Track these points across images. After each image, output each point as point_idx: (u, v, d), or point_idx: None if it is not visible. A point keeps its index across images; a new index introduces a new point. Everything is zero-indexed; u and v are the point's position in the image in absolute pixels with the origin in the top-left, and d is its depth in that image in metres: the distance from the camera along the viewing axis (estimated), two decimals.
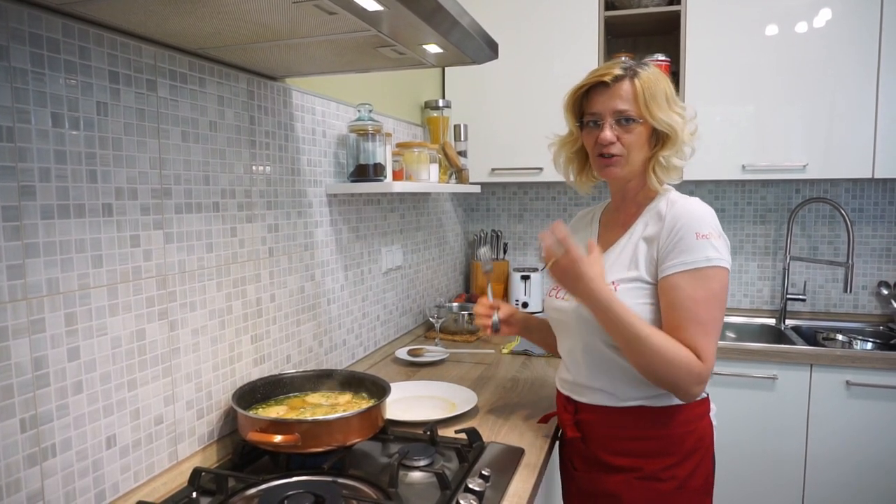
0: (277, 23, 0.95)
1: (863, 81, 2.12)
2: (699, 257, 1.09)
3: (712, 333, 1.10)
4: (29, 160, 0.86)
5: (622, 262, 1.19)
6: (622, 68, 1.18)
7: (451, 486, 1.06)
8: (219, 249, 1.25)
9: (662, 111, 1.16)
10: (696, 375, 1.08)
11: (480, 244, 2.80)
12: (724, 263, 1.11)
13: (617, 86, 1.17)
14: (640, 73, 1.17)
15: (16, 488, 0.85)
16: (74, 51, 0.92)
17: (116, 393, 1.01)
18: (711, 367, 1.10)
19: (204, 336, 1.21)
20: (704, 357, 1.08)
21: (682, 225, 1.12)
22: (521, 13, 2.40)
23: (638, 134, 1.17)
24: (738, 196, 2.62)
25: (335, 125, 1.69)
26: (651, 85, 1.16)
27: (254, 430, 1.11)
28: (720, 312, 1.11)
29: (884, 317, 2.48)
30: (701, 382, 1.10)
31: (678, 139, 1.18)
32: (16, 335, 0.85)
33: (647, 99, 1.15)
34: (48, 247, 0.89)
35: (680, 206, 1.16)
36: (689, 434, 1.17)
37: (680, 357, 1.07)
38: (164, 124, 1.10)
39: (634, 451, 1.18)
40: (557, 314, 1.27)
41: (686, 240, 1.10)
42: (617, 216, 1.29)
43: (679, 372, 1.08)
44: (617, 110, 1.16)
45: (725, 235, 1.15)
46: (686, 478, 1.17)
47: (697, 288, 1.09)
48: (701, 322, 1.09)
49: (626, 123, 1.16)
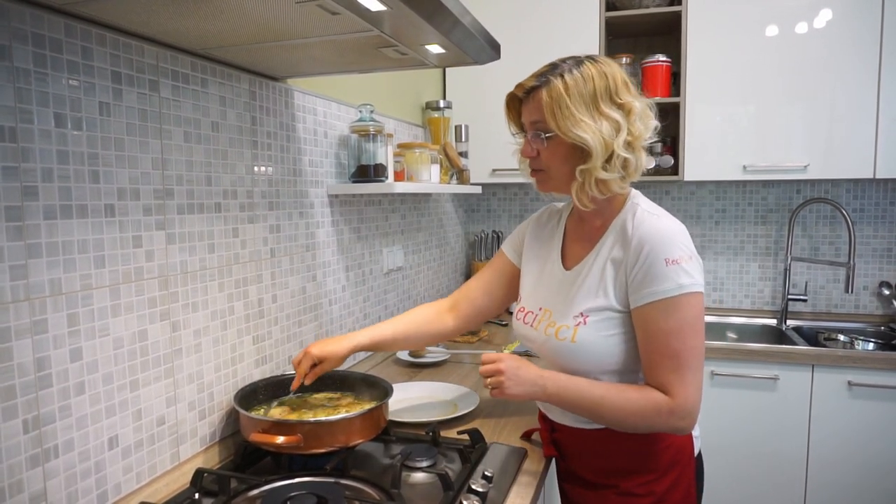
0: (280, 23, 0.95)
1: (863, 81, 2.12)
2: (670, 286, 1.01)
3: (686, 365, 1.03)
4: (32, 160, 0.86)
5: (590, 288, 1.11)
6: (538, 78, 1.08)
7: (453, 486, 1.06)
8: (220, 250, 1.24)
9: (570, 121, 1.03)
10: (668, 413, 1.03)
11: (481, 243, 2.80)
12: (697, 288, 1.02)
13: (531, 97, 1.09)
14: (552, 82, 1.05)
15: (18, 489, 0.85)
16: (77, 51, 0.92)
17: (119, 394, 1.01)
18: (688, 400, 1.03)
19: (206, 337, 1.21)
20: (674, 392, 1.03)
21: (650, 250, 1.03)
22: (521, 14, 2.40)
23: (552, 148, 1.08)
24: (739, 196, 2.62)
25: (337, 126, 1.69)
26: (558, 96, 1.04)
27: (256, 431, 1.11)
28: (696, 340, 1.04)
29: (885, 317, 2.48)
30: (680, 417, 1.03)
31: (594, 151, 1.03)
32: (18, 336, 0.84)
33: (554, 109, 1.04)
34: (51, 247, 0.89)
35: (647, 227, 1.06)
36: (666, 450, 1.12)
37: (643, 404, 1.04)
38: (167, 125, 1.10)
39: (610, 470, 1.15)
40: (529, 343, 1.23)
41: (655, 267, 1.02)
42: (582, 228, 1.20)
43: (651, 418, 1.04)
44: (531, 121, 1.10)
45: (697, 254, 1.06)
46: (664, 493, 1.12)
47: (668, 319, 1.02)
48: (672, 356, 1.02)
49: (542, 137, 1.09)
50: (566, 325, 1.12)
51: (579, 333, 1.09)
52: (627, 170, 1.07)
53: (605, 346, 1.09)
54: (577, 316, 1.11)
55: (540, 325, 1.17)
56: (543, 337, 1.15)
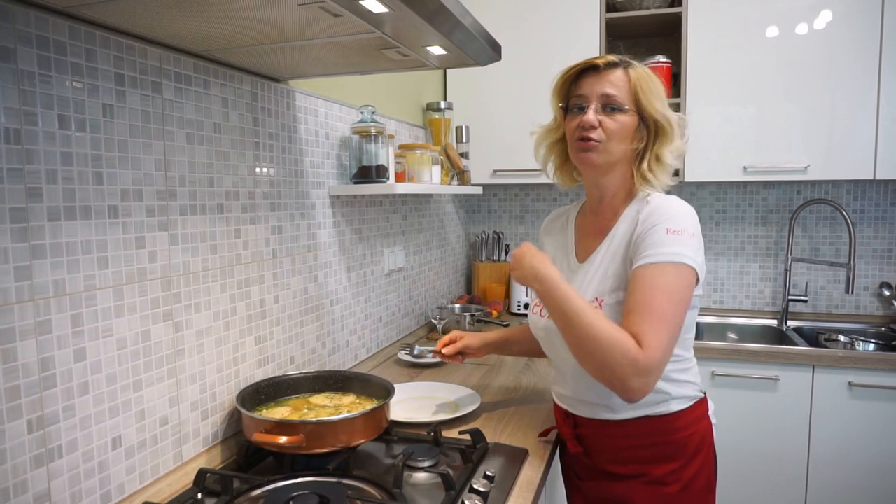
0: (283, 25, 0.96)
1: (864, 82, 2.12)
2: (666, 251, 1.05)
3: (663, 324, 1.01)
4: (36, 162, 0.86)
5: (603, 276, 1.15)
6: (618, 57, 1.15)
7: (455, 486, 1.06)
8: (223, 251, 1.25)
9: (656, 102, 1.12)
10: (632, 361, 0.98)
11: (482, 244, 2.80)
12: (690, 262, 1.05)
13: (608, 72, 1.14)
14: (634, 66, 1.15)
15: (23, 489, 0.85)
16: (81, 53, 0.92)
17: (122, 394, 1.01)
18: (655, 359, 0.99)
19: (208, 337, 1.21)
20: (646, 344, 0.99)
21: (656, 220, 1.08)
22: (522, 15, 2.40)
23: (622, 123, 1.13)
24: (739, 197, 2.63)
25: (338, 127, 1.69)
26: (646, 78, 1.13)
27: (259, 432, 1.12)
28: (676, 308, 1.03)
29: (885, 318, 2.48)
30: (640, 373, 0.98)
31: (673, 132, 1.14)
32: (23, 336, 0.85)
33: (641, 89, 1.12)
34: (55, 248, 0.89)
35: (656, 204, 1.12)
36: (692, 437, 1.16)
37: (616, 335, 1.00)
38: (169, 126, 1.10)
39: (639, 459, 1.17)
40: (544, 333, 1.24)
41: (657, 233, 1.07)
42: (594, 221, 1.24)
43: (613, 352, 0.99)
44: (604, 94, 1.12)
45: (700, 238, 1.10)
46: (691, 479, 1.16)
47: (658, 277, 1.04)
48: (652, 310, 1.01)
49: (612, 111, 1.12)
50: None
51: None
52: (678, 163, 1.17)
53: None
54: (592, 301, 1.14)
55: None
56: None
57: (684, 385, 1.16)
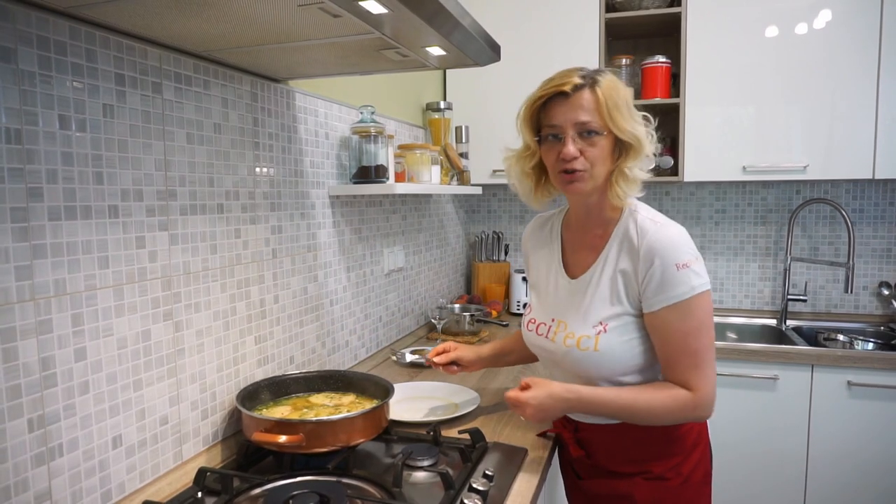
0: (282, 25, 0.96)
1: (863, 82, 2.13)
2: (684, 290, 1.07)
3: (705, 361, 1.10)
4: (36, 162, 0.87)
5: (603, 298, 1.15)
6: (581, 76, 1.10)
7: (454, 485, 1.07)
8: (223, 251, 1.25)
9: (626, 121, 1.09)
10: (693, 407, 1.10)
11: (481, 244, 2.80)
12: (706, 287, 1.09)
13: (577, 95, 1.09)
14: (600, 81, 1.09)
15: (23, 488, 0.86)
16: (81, 53, 0.93)
17: (122, 393, 1.01)
18: (708, 392, 1.10)
19: (208, 337, 1.21)
20: (695, 386, 1.09)
21: (661, 258, 1.08)
22: (521, 15, 2.40)
23: (601, 147, 1.10)
24: (738, 197, 2.63)
25: (338, 127, 1.70)
26: (612, 94, 1.09)
27: (258, 431, 1.12)
28: (709, 336, 1.11)
29: (884, 317, 2.48)
30: (703, 409, 1.11)
31: (642, 150, 1.11)
32: (23, 336, 0.85)
33: (610, 108, 1.08)
34: (55, 248, 0.89)
35: (652, 236, 1.10)
36: (689, 432, 1.20)
37: (670, 403, 1.10)
38: (169, 126, 1.10)
39: (641, 457, 1.19)
40: (545, 354, 1.25)
41: (667, 273, 1.07)
42: (583, 236, 1.23)
43: (677, 412, 1.11)
44: (579, 122, 1.09)
45: (699, 253, 1.11)
46: (690, 473, 1.20)
47: (685, 320, 1.08)
48: (691, 353, 1.09)
49: (589, 136, 1.09)
50: (587, 336, 1.15)
51: (601, 342, 1.13)
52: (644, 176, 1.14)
53: (627, 349, 1.13)
54: (595, 325, 1.15)
55: (557, 336, 1.20)
56: (564, 349, 1.18)
57: None
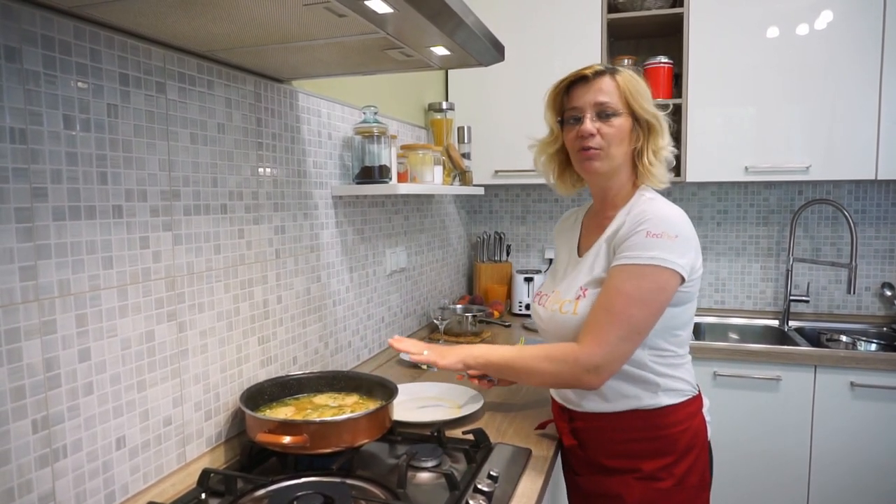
0: (287, 25, 0.96)
1: (865, 83, 2.12)
2: (643, 254, 1.09)
3: (616, 326, 1.08)
4: (41, 162, 0.86)
5: (590, 269, 1.20)
6: (604, 66, 1.21)
7: (459, 486, 1.07)
8: (226, 251, 1.25)
9: (645, 101, 1.18)
10: (573, 362, 1.10)
11: (483, 244, 2.80)
12: (669, 265, 1.08)
13: (597, 80, 1.18)
14: (620, 71, 1.20)
15: (27, 489, 0.85)
16: (85, 53, 0.92)
17: (126, 394, 1.01)
18: (598, 354, 1.08)
19: (212, 337, 1.21)
20: (584, 342, 1.10)
21: (640, 222, 1.12)
22: (523, 15, 2.40)
23: (618, 127, 1.17)
24: (740, 198, 2.63)
25: (340, 127, 1.70)
26: (632, 81, 1.19)
27: (262, 432, 1.12)
28: (640, 312, 1.08)
29: (887, 318, 2.48)
30: (585, 369, 1.09)
31: (663, 129, 1.20)
32: (28, 336, 0.85)
33: (631, 91, 1.17)
34: (59, 248, 0.89)
35: (646, 206, 1.16)
36: (684, 433, 1.19)
37: (554, 350, 1.14)
38: (173, 126, 1.10)
39: (631, 453, 1.19)
40: (540, 322, 1.30)
41: (636, 237, 1.11)
42: (597, 220, 1.29)
43: (559, 361, 1.12)
44: (597, 102, 1.17)
45: (691, 240, 1.12)
46: (683, 475, 1.18)
47: (626, 281, 1.09)
48: (609, 311, 1.09)
49: (607, 117, 1.17)
50: (569, 300, 1.20)
51: (580, 306, 1.18)
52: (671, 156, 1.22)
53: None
54: (577, 290, 1.20)
55: (549, 303, 1.26)
56: (549, 313, 1.24)
57: (675, 380, 1.19)
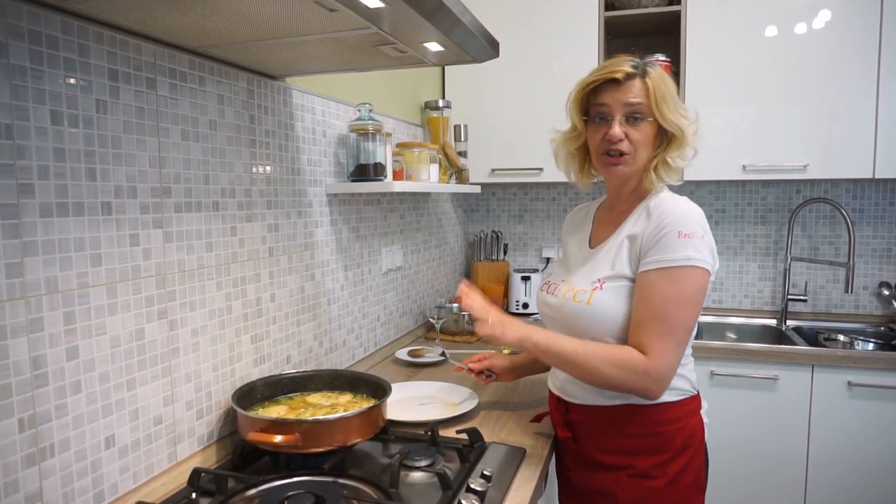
0: (278, 20, 0.95)
1: (863, 82, 2.12)
2: (678, 256, 1.08)
3: (673, 333, 1.09)
4: (28, 158, 0.85)
5: (607, 260, 1.19)
6: (632, 66, 1.16)
7: (452, 486, 1.06)
8: (218, 249, 1.24)
9: (671, 112, 1.15)
10: (643, 372, 1.08)
11: (480, 243, 2.79)
12: (702, 264, 1.09)
13: (628, 83, 1.15)
14: (650, 73, 1.17)
15: (14, 489, 0.84)
16: (74, 48, 0.91)
17: (115, 393, 1.00)
18: (664, 365, 1.08)
19: (203, 336, 1.20)
20: (652, 353, 1.08)
21: (667, 223, 1.11)
22: (520, 13, 2.39)
23: (646, 133, 1.16)
24: (738, 196, 2.62)
25: (335, 125, 1.69)
26: (661, 85, 1.16)
27: (254, 431, 1.11)
28: (689, 313, 1.10)
29: (885, 317, 2.47)
30: (653, 380, 1.08)
31: (685, 140, 1.18)
32: (14, 334, 0.84)
33: (658, 98, 1.15)
34: (47, 245, 0.88)
35: (668, 205, 1.15)
36: (680, 431, 1.17)
37: (621, 355, 1.09)
38: (164, 123, 1.09)
39: (625, 449, 1.18)
40: (547, 309, 1.29)
41: (668, 237, 1.10)
42: (610, 214, 1.29)
43: (624, 369, 1.09)
44: (628, 103, 1.15)
45: (712, 237, 1.14)
46: (677, 474, 1.17)
47: (670, 286, 1.08)
48: (662, 319, 1.08)
49: (636, 121, 1.16)
50: (583, 290, 1.18)
51: (595, 297, 1.16)
52: (688, 161, 1.21)
53: (617, 311, 1.14)
54: (594, 282, 1.18)
55: (559, 291, 1.25)
56: (561, 301, 1.22)
57: (676, 378, 1.17)
